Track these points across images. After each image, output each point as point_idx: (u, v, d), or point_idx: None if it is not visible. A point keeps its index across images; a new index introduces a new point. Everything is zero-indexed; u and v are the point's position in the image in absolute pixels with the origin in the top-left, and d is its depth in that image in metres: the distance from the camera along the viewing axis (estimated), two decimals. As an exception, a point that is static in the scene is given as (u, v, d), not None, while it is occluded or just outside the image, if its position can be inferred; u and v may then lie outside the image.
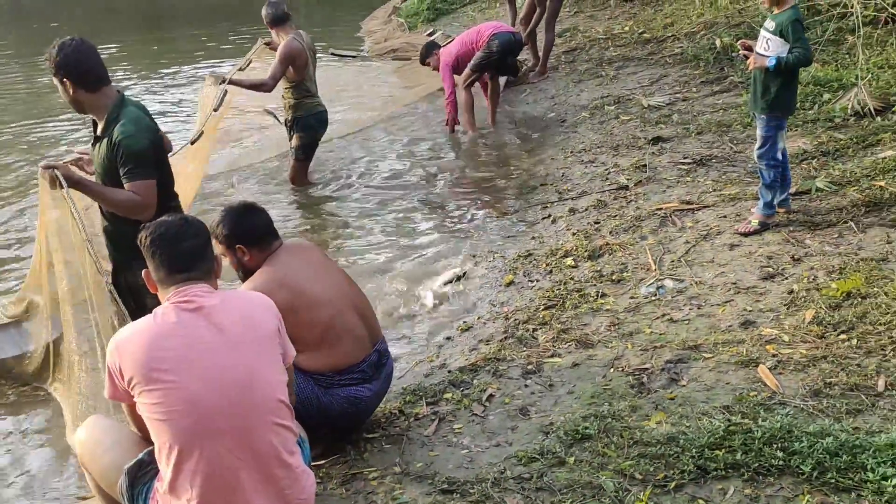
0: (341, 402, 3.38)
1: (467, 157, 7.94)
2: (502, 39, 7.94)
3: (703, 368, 3.60)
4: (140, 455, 2.62)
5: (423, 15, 14.21)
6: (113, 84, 3.76)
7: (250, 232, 3.40)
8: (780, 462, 2.83)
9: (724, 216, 5.10)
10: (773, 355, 3.58)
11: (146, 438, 2.59)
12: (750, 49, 4.65)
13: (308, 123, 6.89)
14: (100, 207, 3.89)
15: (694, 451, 2.95)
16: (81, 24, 21.77)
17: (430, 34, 12.72)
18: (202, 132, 5.82)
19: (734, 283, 4.30)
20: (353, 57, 8.49)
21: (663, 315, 4.15)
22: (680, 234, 5.03)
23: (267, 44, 7.01)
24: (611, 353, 3.88)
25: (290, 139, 7.06)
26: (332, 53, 8.34)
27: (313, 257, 3.58)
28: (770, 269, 4.35)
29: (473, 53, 7.95)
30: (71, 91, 3.64)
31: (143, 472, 2.59)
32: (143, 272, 2.73)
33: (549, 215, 5.98)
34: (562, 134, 7.82)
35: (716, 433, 3.03)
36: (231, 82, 6.42)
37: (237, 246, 3.38)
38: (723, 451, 2.93)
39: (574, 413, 3.40)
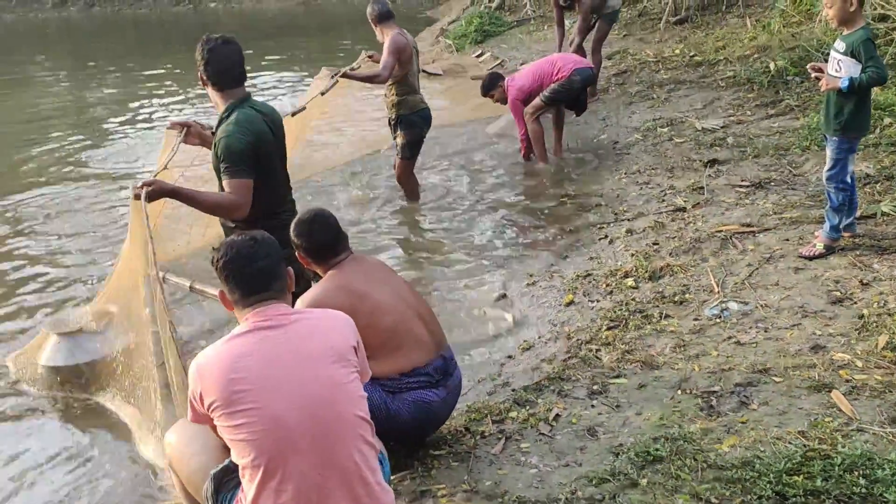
0: (409, 406, 3.36)
1: (520, 176, 7.93)
2: (584, 75, 7.82)
3: (773, 392, 3.55)
4: (227, 461, 2.62)
5: (471, 37, 14.28)
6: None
7: (312, 249, 3.51)
8: (863, 490, 2.77)
9: (787, 239, 5.04)
10: (847, 381, 3.52)
11: None
12: (821, 71, 4.60)
13: (412, 121, 6.79)
14: None
15: (771, 476, 2.90)
16: (133, 45, 22.28)
17: (479, 56, 12.80)
18: (304, 107, 5.94)
19: (801, 307, 4.24)
20: (440, 75, 8.49)
21: (729, 337, 4.10)
22: (742, 256, 4.97)
23: (370, 56, 7.03)
24: (677, 374, 3.83)
25: (394, 138, 6.98)
26: (423, 71, 8.38)
27: (376, 267, 3.68)
28: (838, 294, 4.28)
29: (544, 87, 7.73)
30: (200, 84, 3.83)
31: (228, 479, 2.60)
32: (218, 292, 2.76)
33: (606, 236, 5.95)
34: (615, 155, 7.79)
35: (793, 458, 2.98)
36: (345, 76, 6.48)
37: (301, 255, 3.54)
38: (801, 476, 2.87)
39: (644, 434, 3.36)
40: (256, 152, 3.77)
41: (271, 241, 2.76)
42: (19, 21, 30.99)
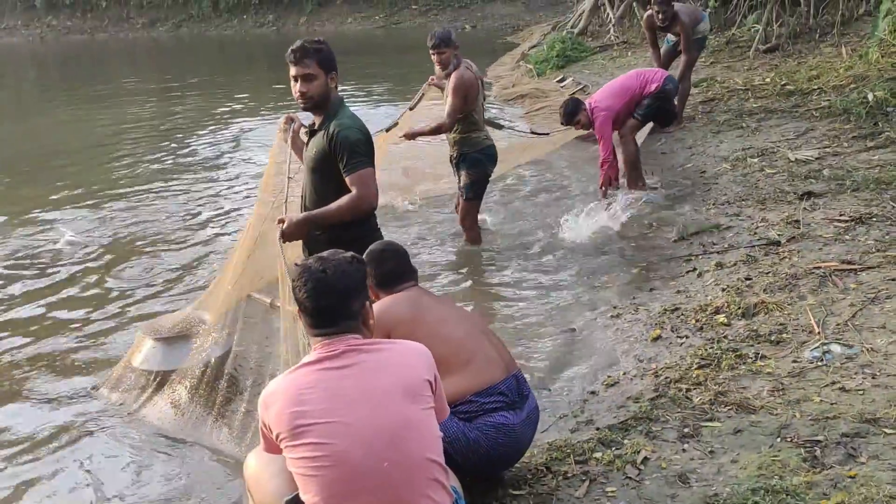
0: (489, 431, 3.16)
1: (600, 203, 7.69)
2: (675, 82, 7.70)
3: (885, 445, 3.27)
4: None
5: (553, 62, 14.12)
6: None
7: (382, 276, 3.48)
8: None
9: (893, 279, 4.72)
10: (968, 437, 3.22)
11: None
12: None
13: (476, 159, 6.35)
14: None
15: (887, 539, 2.64)
16: (217, 64, 22.77)
17: (560, 81, 12.63)
18: (396, 123, 5.97)
19: (912, 353, 3.94)
20: (548, 134, 8.25)
21: (833, 383, 3.82)
22: (843, 295, 4.67)
23: (434, 84, 6.74)
24: (776, 420, 3.57)
25: (458, 178, 6.55)
26: (532, 132, 8.14)
27: (441, 297, 3.75)
28: (953, 340, 3.97)
29: (633, 103, 7.48)
30: (333, 84, 3.95)
31: None
32: (296, 310, 2.66)
33: (694, 268, 5.68)
34: (702, 185, 7.50)
35: (910, 521, 2.71)
36: (407, 136, 6.35)
37: (371, 285, 3.43)
38: (922, 542, 2.61)
39: (741, 485, 3.12)
40: (370, 143, 3.94)
41: (353, 271, 2.61)
42: (111, 40, 32.08)
